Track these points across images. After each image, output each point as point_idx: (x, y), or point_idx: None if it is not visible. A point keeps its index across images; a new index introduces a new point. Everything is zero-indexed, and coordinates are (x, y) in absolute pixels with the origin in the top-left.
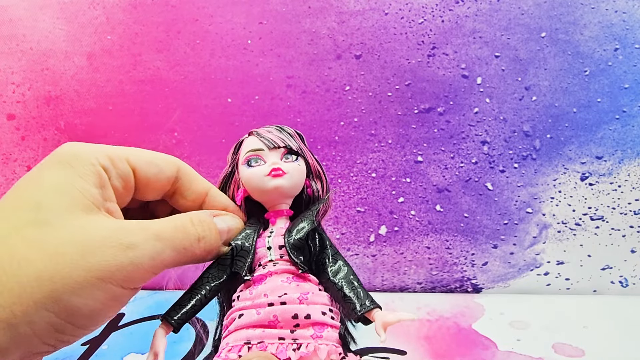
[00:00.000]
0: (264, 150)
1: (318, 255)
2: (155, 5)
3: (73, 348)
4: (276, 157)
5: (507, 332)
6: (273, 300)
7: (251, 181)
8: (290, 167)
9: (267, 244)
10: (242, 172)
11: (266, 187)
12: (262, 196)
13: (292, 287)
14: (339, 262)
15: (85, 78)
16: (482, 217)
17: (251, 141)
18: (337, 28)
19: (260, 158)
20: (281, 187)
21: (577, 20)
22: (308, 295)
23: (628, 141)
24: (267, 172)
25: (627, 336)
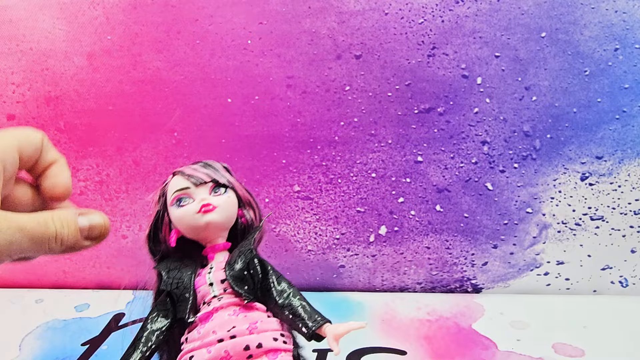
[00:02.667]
0: (190, 188)
1: (262, 282)
2: (155, 5)
3: (73, 348)
4: (204, 192)
5: (507, 332)
6: (222, 335)
7: (183, 220)
8: (220, 200)
9: (207, 280)
10: (172, 213)
11: (198, 224)
12: (196, 234)
13: (239, 319)
14: (283, 285)
15: (85, 78)
16: (482, 217)
17: (177, 181)
18: (337, 28)
19: (189, 196)
20: (213, 221)
21: (577, 20)
22: (257, 324)
23: (628, 141)
24: (197, 209)
25: (627, 336)
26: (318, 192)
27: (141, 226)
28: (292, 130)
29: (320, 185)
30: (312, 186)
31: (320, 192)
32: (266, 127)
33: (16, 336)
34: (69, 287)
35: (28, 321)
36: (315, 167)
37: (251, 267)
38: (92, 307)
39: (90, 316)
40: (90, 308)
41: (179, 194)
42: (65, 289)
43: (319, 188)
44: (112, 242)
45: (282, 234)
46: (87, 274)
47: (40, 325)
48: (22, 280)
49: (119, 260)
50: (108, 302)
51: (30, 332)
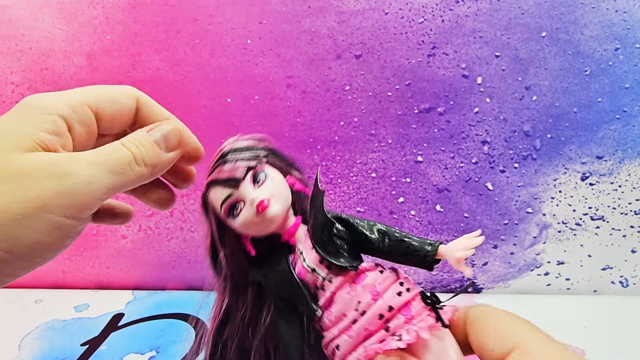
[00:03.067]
0: (232, 194)
1: (354, 238)
2: (155, 5)
3: (73, 348)
4: (249, 188)
5: None
6: (353, 316)
7: (247, 228)
8: (268, 188)
9: (307, 267)
10: (232, 225)
11: (263, 224)
12: (266, 231)
13: (359, 292)
14: (374, 228)
15: (85, 78)
16: (482, 217)
17: (215, 193)
18: (337, 28)
19: (237, 201)
20: (276, 214)
21: (578, 19)
22: (376, 287)
23: (629, 141)
24: (254, 212)
25: (627, 336)
26: None
27: (140, 226)
28: (292, 130)
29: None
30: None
31: None
32: (266, 127)
33: (16, 336)
34: (69, 287)
35: (27, 321)
36: (315, 167)
37: (338, 233)
38: (92, 307)
39: (90, 316)
40: (89, 308)
41: (227, 205)
42: (65, 289)
43: None
44: (111, 242)
45: None
46: (87, 274)
47: (39, 325)
48: (21, 280)
49: (118, 260)
50: (108, 302)
51: (30, 332)
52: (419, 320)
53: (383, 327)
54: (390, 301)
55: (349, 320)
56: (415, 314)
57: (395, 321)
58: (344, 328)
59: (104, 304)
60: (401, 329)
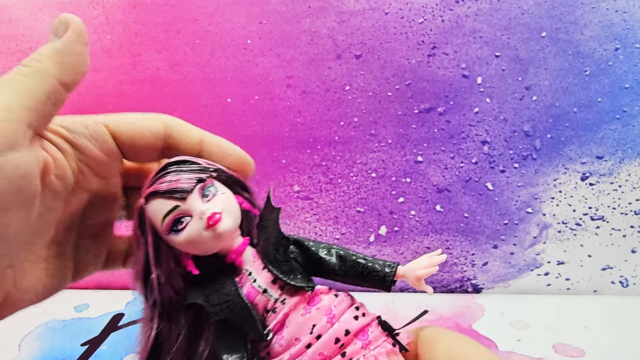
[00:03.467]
0: (180, 206)
1: (307, 261)
2: (155, 5)
3: (73, 348)
4: (197, 201)
5: (507, 332)
6: (308, 340)
7: (192, 244)
8: (218, 202)
9: (259, 288)
10: (174, 241)
11: (212, 240)
12: (211, 250)
13: (314, 315)
14: (330, 249)
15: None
16: (482, 217)
17: (157, 205)
18: (337, 28)
19: (182, 215)
20: (227, 229)
21: (578, 19)
22: (332, 310)
23: (629, 141)
24: (203, 226)
25: (627, 336)
26: (318, 192)
27: None
28: (292, 130)
29: (320, 185)
30: (312, 186)
31: (320, 192)
32: (266, 127)
33: (16, 336)
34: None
35: (27, 321)
36: (315, 167)
37: (292, 253)
38: (92, 307)
39: (90, 316)
40: (89, 308)
41: (170, 218)
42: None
43: (319, 188)
44: None
45: None
46: None
47: (39, 325)
48: None
49: None
50: (108, 302)
51: (30, 332)
52: (376, 345)
53: (339, 352)
54: (347, 325)
55: (302, 344)
56: (373, 339)
57: (351, 347)
58: (297, 353)
59: (104, 304)
60: (358, 355)
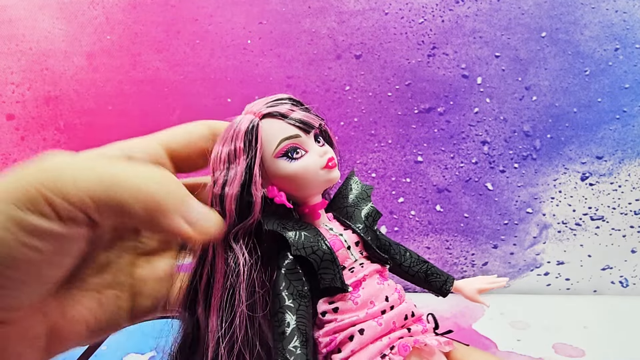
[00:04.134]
0: (300, 137)
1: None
2: (155, 5)
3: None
4: (312, 142)
5: (507, 332)
6: (382, 306)
7: (299, 178)
8: (332, 151)
9: (345, 242)
10: (283, 167)
11: (321, 181)
12: (310, 191)
13: (386, 287)
14: (400, 246)
15: (85, 78)
16: (482, 217)
17: (278, 126)
18: (337, 28)
19: (300, 147)
20: (337, 177)
21: (578, 20)
22: (400, 292)
23: (628, 141)
24: (322, 163)
25: (627, 336)
26: None
27: None
28: None
29: None
30: None
31: None
32: None
33: None
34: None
35: None
36: None
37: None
38: None
39: None
40: None
41: (289, 144)
42: None
43: None
44: None
45: None
46: None
47: None
48: None
49: None
50: None
51: None
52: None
53: (406, 327)
54: (412, 308)
55: (378, 308)
56: (429, 329)
57: (415, 327)
58: (373, 314)
59: None
60: (420, 336)
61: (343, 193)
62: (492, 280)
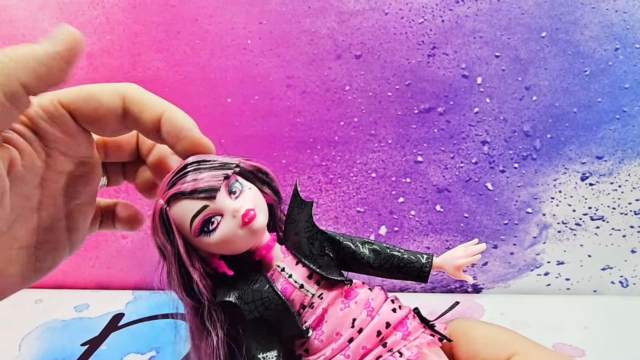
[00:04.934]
0: (209, 205)
1: (340, 254)
2: (155, 5)
3: (73, 348)
4: (225, 199)
5: None
6: (349, 335)
7: (226, 245)
8: (248, 198)
9: (295, 284)
10: (206, 242)
11: (247, 239)
12: (245, 248)
13: (353, 309)
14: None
15: (85, 78)
16: (482, 217)
17: (182, 207)
18: (337, 28)
19: (213, 214)
20: (261, 226)
21: (578, 20)
22: (371, 304)
23: (628, 141)
24: (239, 223)
25: (627, 336)
26: (318, 192)
27: None
28: (292, 130)
29: (320, 185)
30: (312, 186)
31: (320, 192)
32: (266, 127)
33: (16, 336)
34: (69, 287)
35: (28, 321)
36: (315, 167)
37: (326, 247)
38: (92, 307)
39: (90, 316)
40: (89, 308)
41: (200, 219)
42: (65, 289)
43: (319, 188)
44: (111, 242)
45: None
46: (87, 274)
47: (39, 325)
48: None
49: (118, 260)
50: (108, 302)
51: (30, 332)
52: (415, 336)
53: (380, 343)
54: (387, 317)
55: (344, 339)
56: (412, 330)
57: (392, 337)
58: (339, 348)
59: (104, 304)
60: (399, 345)
61: (291, 216)
62: (470, 251)
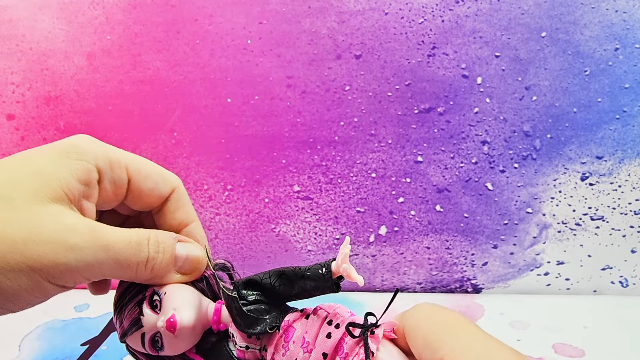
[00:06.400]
0: (145, 333)
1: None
2: (155, 5)
3: (73, 348)
4: (152, 317)
5: (507, 332)
6: None
7: (179, 349)
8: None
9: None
10: (165, 353)
11: (186, 337)
12: (196, 339)
13: (293, 350)
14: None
15: (85, 78)
16: (482, 217)
17: (132, 342)
18: (337, 28)
19: (153, 334)
20: (188, 322)
21: (578, 20)
22: (305, 339)
23: (628, 141)
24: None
25: (627, 336)
26: (318, 192)
27: None
28: (292, 130)
29: (320, 185)
30: (312, 186)
31: (320, 192)
32: (266, 127)
33: (16, 336)
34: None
35: (27, 321)
36: (315, 167)
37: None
38: (92, 307)
39: (90, 316)
40: (90, 308)
41: (147, 344)
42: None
43: (319, 188)
44: None
45: (282, 234)
46: None
47: (39, 325)
48: None
49: None
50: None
51: (30, 332)
52: (353, 356)
53: None
54: (322, 348)
55: None
56: (349, 350)
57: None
58: None
59: (104, 304)
60: None
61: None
62: (343, 254)
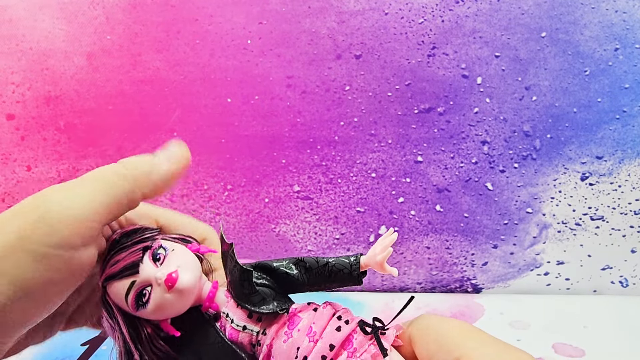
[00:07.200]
0: (136, 280)
1: (278, 281)
2: (155, 5)
3: (73, 348)
4: (151, 268)
5: (507, 332)
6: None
7: (163, 312)
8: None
9: (237, 327)
10: (146, 314)
11: (178, 301)
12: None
13: (296, 338)
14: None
15: (85, 78)
16: (482, 217)
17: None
18: (337, 28)
19: (142, 288)
20: (188, 284)
21: (578, 20)
22: (312, 329)
23: (628, 141)
24: (165, 290)
25: (627, 336)
26: (318, 192)
27: None
28: (292, 130)
29: (320, 185)
30: (312, 186)
31: (320, 192)
32: (266, 127)
33: None
34: None
35: None
36: (315, 167)
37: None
38: None
39: None
40: None
41: (132, 296)
42: None
43: (319, 188)
44: None
45: (282, 234)
46: None
47: None
48: None
49: None
50: None
51: None
52: (362, 352)
53: None
54: (330, 339)
55: None
56: (358, 345)
57: (339, 359)
58: None
59: None
60: None
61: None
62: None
